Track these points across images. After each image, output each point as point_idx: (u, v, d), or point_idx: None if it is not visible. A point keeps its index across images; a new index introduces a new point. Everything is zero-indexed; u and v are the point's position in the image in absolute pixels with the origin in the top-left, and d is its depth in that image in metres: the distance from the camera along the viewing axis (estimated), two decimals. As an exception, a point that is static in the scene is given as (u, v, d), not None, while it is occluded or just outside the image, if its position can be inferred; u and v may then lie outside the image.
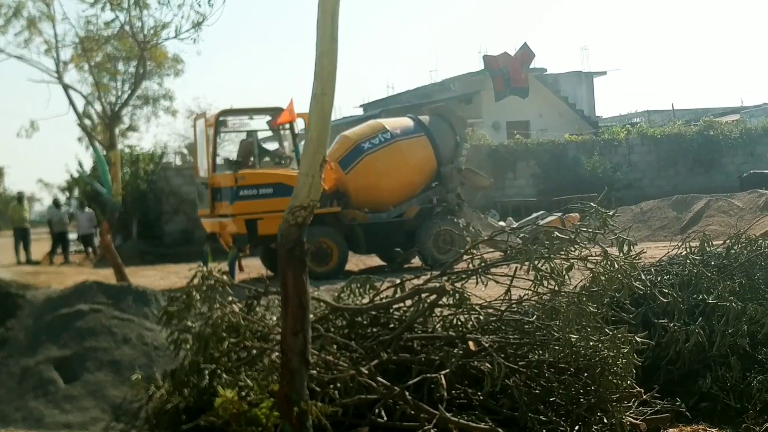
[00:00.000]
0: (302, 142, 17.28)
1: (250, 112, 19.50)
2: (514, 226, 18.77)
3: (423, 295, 5.87)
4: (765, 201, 20.98)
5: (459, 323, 6.03)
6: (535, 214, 19.23)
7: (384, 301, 6.10)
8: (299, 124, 17.89)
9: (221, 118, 17.69)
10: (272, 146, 19.52)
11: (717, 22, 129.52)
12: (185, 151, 56.58)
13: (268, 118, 18.21)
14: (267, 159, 18.29)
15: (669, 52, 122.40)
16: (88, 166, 29.66)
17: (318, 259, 16.45)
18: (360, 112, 49.53)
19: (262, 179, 16.88)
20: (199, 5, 11.24)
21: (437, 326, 6.07)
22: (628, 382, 5.91)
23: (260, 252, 18.23)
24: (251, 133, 18.40)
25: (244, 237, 16.62)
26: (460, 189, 18.58)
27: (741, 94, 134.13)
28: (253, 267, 17.43)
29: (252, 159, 17.74)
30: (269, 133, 19.40)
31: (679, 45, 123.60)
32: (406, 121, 18.89)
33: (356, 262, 18.21)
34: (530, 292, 6.15)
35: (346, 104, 78.79)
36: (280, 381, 4.96)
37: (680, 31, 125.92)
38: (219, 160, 17.99)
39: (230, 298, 5.75)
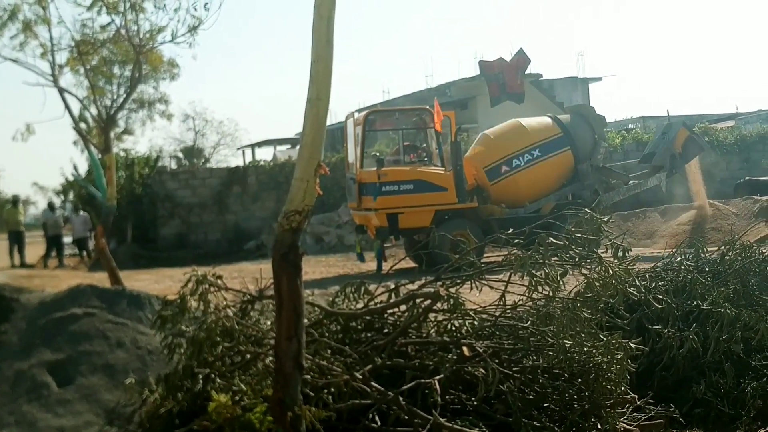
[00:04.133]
0: (447, 141, 18.00)
1: (398, 112, 21.37)
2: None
3: (417, 300, 5.87)
4: (759, 207, 21.05)
5: (453, 328, 6.02)
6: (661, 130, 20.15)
7: (378, 305, 6.08)
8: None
9: (370, 117, 18.66)
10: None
11: (713, 29, 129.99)
12: (180, 154, 56.72)
13: (415, 117, 19.61)
14: (414, 156, 19.18)
15: (665, 59, 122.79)
16: (83, 169, 29.77)
17: (456, 251, 16.88)
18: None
19: (403, 176, 17.80)
20: (195, 9, 11.26)
21: (431, 331, 6.06)
22: (622, 387, 5.91)
23: (405, 243, 19.32)
24: (404, 133, 20.08)
25: (386, 229, 17.58)
26: (598, 185, 19.04)
27: (736, 100, 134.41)
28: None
29: (400, 156, 19.12)
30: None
31: (674, 51, 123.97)
32: (545, 121, 19.44)
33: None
34: (525, 298, 6.16)
35: (341, 109, 79.12)
36: (273, 385, 4.95)
37: (676, 37, 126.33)
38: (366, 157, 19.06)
39: (224, 303, 5.74)
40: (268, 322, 5.89)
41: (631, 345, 5.93)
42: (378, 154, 20.19)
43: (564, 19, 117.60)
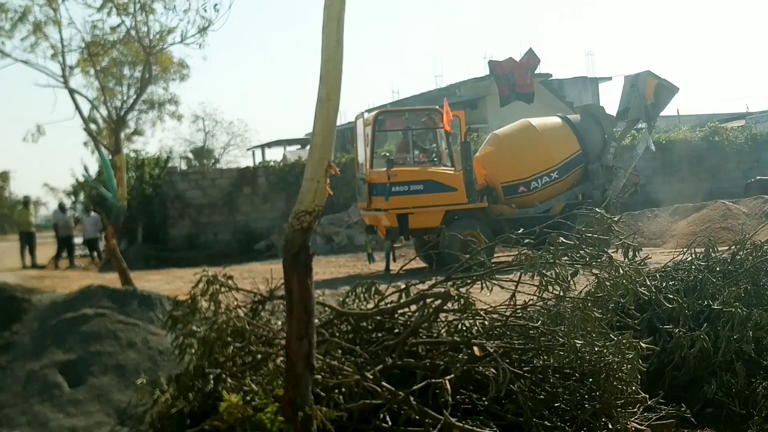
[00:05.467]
0: (457, 141, 17.81)
1: (407, 112, 21.21)
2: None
3: (428, 300, 5.87)
4: (770, 207, 20.92)
5: (464, 328, 6.02)
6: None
7: (389, 306, 6.09)
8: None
9: (379, 118, 18.60)
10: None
11: (722, 28, 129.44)
12: (190, 155, 56.83)
13: (424, 117, 19.41)
14: (423, 156, 19.13)
15: (674, 58, 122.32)
16: (93, 170, 29.82)
17: (467, 251, 16.88)
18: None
19: (413, 176, 17.72)
20: (205, 10, 11.21)
21: (442, 331, 6.07)
22: (633, 387, 5.91)
23: (415, 243, 19.19)
24: (407, 133, 19.64)
25: (396, 230, 17.53)
26: (608, 185, 18.98)
27: (746, 99, 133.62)
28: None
29: (408, 156, 18.98)
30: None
31: (684, 50, 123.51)
32: (555, 121, 19.41)
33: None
34: (535, 298, 6.15)
35: (351, 109, 79.15)
36: (284, 385, 4.96)
37: (685, 36, 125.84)
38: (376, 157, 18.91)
39: (235, 303, 5.75)
40: (279, 323, 5.90)
41: (642, 345, 5.92)
42: (387, 154, 20.18)
43: (573, 18, 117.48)
